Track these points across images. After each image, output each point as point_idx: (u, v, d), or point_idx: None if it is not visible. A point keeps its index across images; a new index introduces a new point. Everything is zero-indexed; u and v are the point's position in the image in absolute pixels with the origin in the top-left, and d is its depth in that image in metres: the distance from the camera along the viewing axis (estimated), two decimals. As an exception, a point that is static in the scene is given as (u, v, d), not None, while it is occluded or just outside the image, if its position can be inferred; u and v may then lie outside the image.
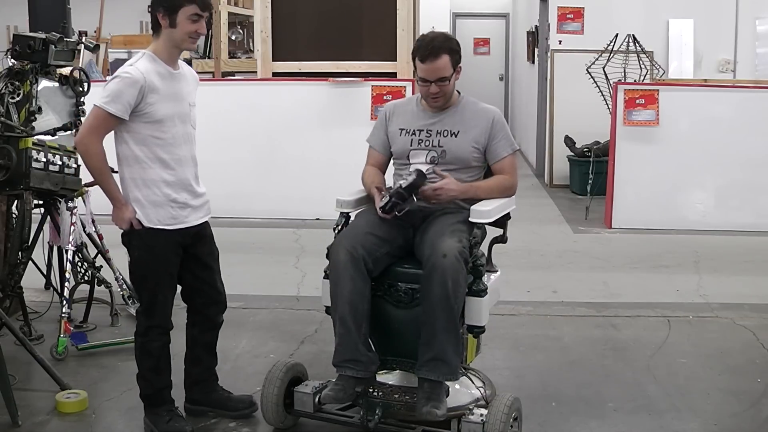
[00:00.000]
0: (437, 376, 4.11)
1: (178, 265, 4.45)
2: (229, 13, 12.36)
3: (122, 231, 4.37)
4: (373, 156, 4.75)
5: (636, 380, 5.25)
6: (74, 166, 5.66)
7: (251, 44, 12.92)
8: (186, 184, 4.37)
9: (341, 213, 4.59)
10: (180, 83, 4.38)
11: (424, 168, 4.44)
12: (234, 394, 4.78)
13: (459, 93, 4.65)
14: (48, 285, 6.42)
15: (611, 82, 10.14)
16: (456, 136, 4.51)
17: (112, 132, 4.26)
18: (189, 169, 4.41)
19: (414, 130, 4.58)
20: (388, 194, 4.35)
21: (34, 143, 5.40)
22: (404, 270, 4.32)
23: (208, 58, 12.28)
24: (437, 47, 4.41)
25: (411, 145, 4.55)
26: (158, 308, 4.39)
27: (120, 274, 6.32)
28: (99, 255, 6.25)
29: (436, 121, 4.56)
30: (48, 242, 6.06)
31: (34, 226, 5.80)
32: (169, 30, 4.24)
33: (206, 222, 4.57)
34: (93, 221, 6.22)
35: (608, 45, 10.63)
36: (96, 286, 6.11)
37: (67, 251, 5.81)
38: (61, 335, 5.49)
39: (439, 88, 4.45)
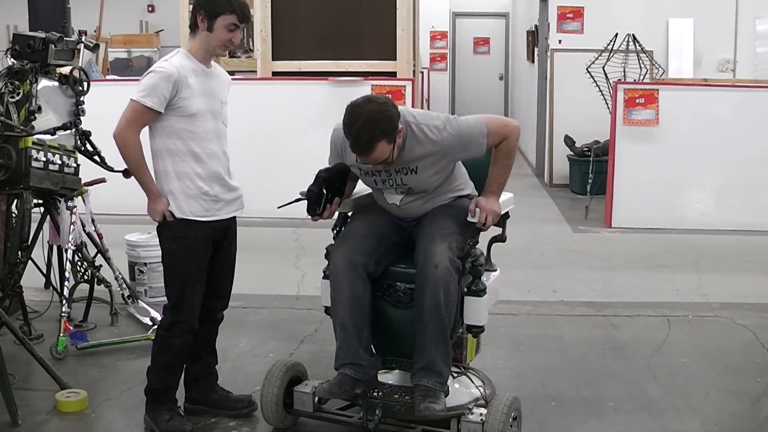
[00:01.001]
0: (428, 383, 4.12)
1: (208, 260, 4.49)
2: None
3: (157, 224, 4.44)
4: None
5: (636, 380, 5.25)
6: (74, 165, 5.66)
7: (251, 44, 12.91)
8: (218, 177, 4.45)
9: (340, 213, 4.58)
10: (212, 81, 4.48)
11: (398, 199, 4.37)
12: (233, 394, 4.78)
13: (401, 128, 4.17)
14: (48, 284, 6.42)
15: (611, 82, 10.14)
16: (415, 173, 4.28)
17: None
18: (222, 163, 4.50)
19: (372, 171, 4.32)
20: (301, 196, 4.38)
21: (33, 143, 5.39)
22: (403, 270, 4.31)
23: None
24: (368, 141, 4.03)
25: (377, 185, 4.37)
26: (186, 303, 4.41)
27: (120, 273, 6.32)
28: (99, 254, 6.24)
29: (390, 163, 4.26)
30: (48, 241, 6.06)
31: (33, 226, 5.80)
32: (206, 33, 4.34)
33: (234, 219, 4.67)
34: (93, 220, 6.21)
35: (608, 44, 10.63)
36: (96, 285, 6.11)
37: (66, 250, 5.81)
38: (61, 334, 5.49)
39: (385, 164, 4.19)
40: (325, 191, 4.32)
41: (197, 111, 4.34)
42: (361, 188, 4.65)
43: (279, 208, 4.60)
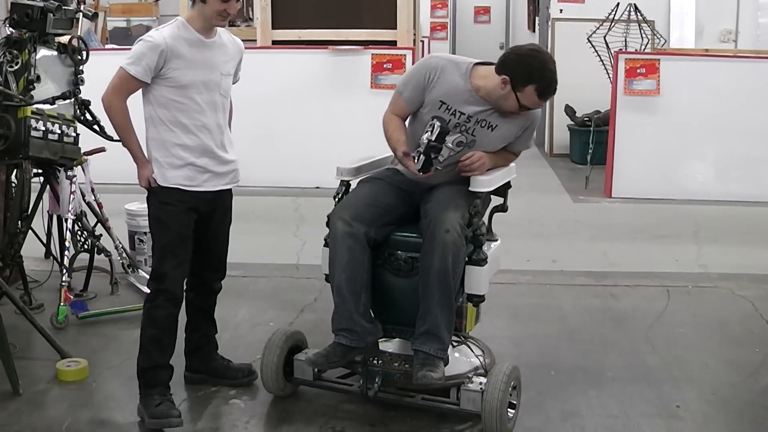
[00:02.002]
0: (428, 350, 4.13)
1: (191, 230, 4.43)
2: (229, -19, 12.28)
3: (146, 189, 4.45)
4: (399, 105, 4.51)
5: (635, 349, 5.27)
6: (73, 134, 5.65)
7: (251, 12, 12.86)
8: (207, 150, 4.41)
9: (341, 181, 4.57)
10: (213, 52, 4.42)
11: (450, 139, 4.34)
12: (233, 363, 4.80)
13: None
14: (48, 254, 6.42)
15: (612, 52, 10.10)
16: (492, 130, 4.40)
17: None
18: (214, 135, 4.45)
19: (457, 111, 4.38)
20: (418, 154, 4.25)
21: (32, 112, 5.38)
22: (404, 238, 4.32)
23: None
24: (556, 89, 4.45)
25: (446, 123, 4.32)
26: (167, 271, 4.35)
27: (120, 242, 6.32)
28: (99, 224, 6.24)
29: (481, 111, 4.38)
30: (47, 211, 6.06)
31: (33, 195, 5.79)
32: (201, 4, 4.30)
33: (227, 191, 4.64)
34: (92, 190, 6.21)
35: (609, 14, 10.60)
36: (96, 254, 6.11)
37: (66, 220, 5.81)
38: (62, 304, 5.50)
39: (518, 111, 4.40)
40: (444, 145, 4.25)
41: (189, 83, 4.31)
42: (374, 153, 4.74)
43: (415, 154, 4.28)
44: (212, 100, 4.43)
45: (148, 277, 6.05)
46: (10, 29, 5.64)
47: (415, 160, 4.26)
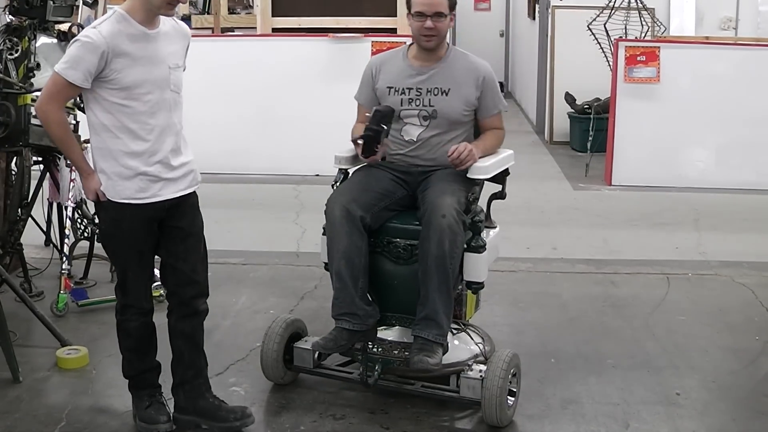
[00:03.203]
0: (427, 335, 4.14)
1: (152, 242, 4.04)
2: (229, -31, 12.28)
3: (93, 202, 4.06)
4: (361, 112, 4.68)
5: (635, 337, 5.27)
6: (73, 122, 5.64)
7: (251, 0, 12.85)
8: (160, 156, 3.92)
9: (340, 169, 4.58)
10: (158, 44, 3.90)
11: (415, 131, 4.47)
12: (226, 404, 4.22)
13: (448, 45, 4.60)
14: (48, 242, 6.43)
15: (612, 39, 10.08)
16: (447, 95, 4.44)
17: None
18: (166, 138, 3.94)
19: (403, 89, 4.48)
20: (362, 138, 4.35)
21: (32, 100, 5.37)
22: (403, 226, 4.32)
23: (208, 13, 12.21)
24: None
25: (402, 105, 4.46)
26: (130, 286, 4.05)
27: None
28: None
29: (426, 78, 4.48)
30: (47, 199, 6.07)
31: (33, 183, 5.79)
32: None
33: (190, 194, 4.10)
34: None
35: (610, 1, 10.55)
36: (96, 242, 6.11)
37: (66, 208, 5.82)
38: (62, 291, 5.51)
39: (434, 24, 4.40)
40: (383, 127, 4.30)
41: (133, 82, 3.80)
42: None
43: (355, 141, 4.43)
44: (162, 99, 3.92)
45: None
46: (10, 16, 5.63)
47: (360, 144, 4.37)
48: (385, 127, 4.32)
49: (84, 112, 4.16)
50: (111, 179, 3.90)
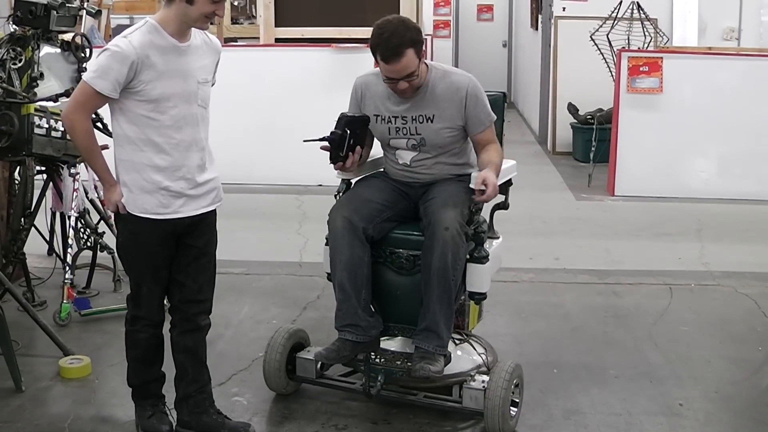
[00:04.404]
0: (427, 346, 4.14)
1: (169, 256, 4.01)
2: (232, -21, 12.32)
3: (114, 213, 4.05)
4: None
5: (637, 347, 5.27)
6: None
7: (254, 10, 12.88)
8: (184, 172, 3.90)
9: (343, 179, 4.59)
10: (188, 58, 3.88)
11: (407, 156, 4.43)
12: (230, 420, 4.21)
13: (427, 66, 4.38)
14: (51, 251, 6.43)
15: (615, 50, 10.10)
16: (432, 122, 4.33)
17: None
18: (191, 154, 3.92)
19: (389, 117, 4.40)
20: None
21: (36, 109, 5.38)
22: (406, 236, 4.32)
23: (211, 24, 12.24)
24: (398, 45, 4.13)
25: (390, 134, 4.41)
26: (143, 299, 4.03)
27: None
28: (101, 221, 6.25)
29: (410, 106, 4.36)
30: (50, 208, 6.08)
31: (36, 193, 5.81)
32: (185, 6, 3.76)
33: (210, 212, 4.07)
34: (95, 187, 6.20)
35: (612, 12, 10.59)
36: (98, 252, 6.12)
37: (69, 217, 5.82)
38: (64, 301, 5.51)
39: (407, 83, 4.24)
40: (348, 131, 4.23)
41: (161, 96, 3.78)
42: (374, 152, 4.67)
43: (305, 141, 4.41)
44: (190, 113, 3.90)
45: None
46: (14, 26, 5.64)
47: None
48: (348, 132, 4.23)
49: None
50: (132, 192, 3.87)
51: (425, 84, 4.34)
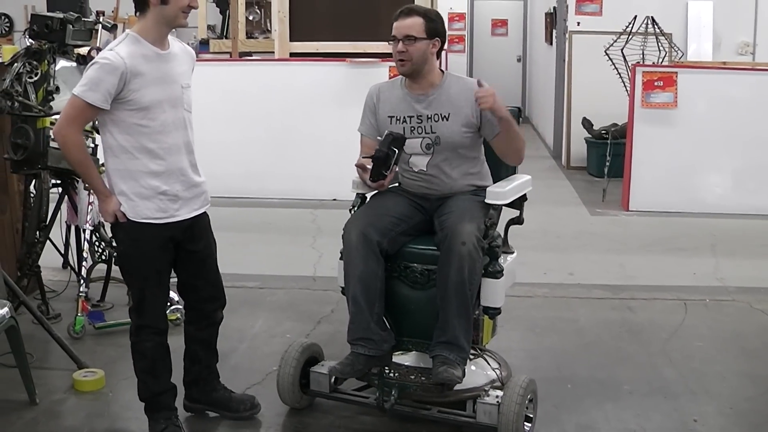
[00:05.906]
0: (448, 354, 4.13)
1: (169, 261, 4.16)
2: (247, -7, 12.36)
3: (111, 224, 4.14)
4: (366, 144, 4.54)
5: (651, 363, 5.25)
6: (91, 145, 5.67)
7: (269, 24, 12.92)
8: (179, 173, 4.05)
9: (357, 194, 4.59)
10: (170, 64, 4.02)
11: (423, 161, 4.45)
12: (236, 394, 4.53)
13: (443, 72, 4.53)
14: (65, 264, 6.45)
15: (629, 64, 10.09)
16: (447, 120, 4.39)
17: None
18: (182, 157, 4.07)
19: (404, 117, 4.44)
20: (372, 164, 4.30)
21: (51, 123, 5.41)
22: (420, 251, 4.32)
23: (226, 38, 12.30)
24: (412, 9, 4.43)
25: (404, 134, 4.40)
26: (147, 307, 4.11)
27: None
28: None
29: (425, 105, 4.43)
30: (65, 221, 6.10)
31: (51, 206, 5.83)
32: (160, 7, 3.89)
33: (201, 214, 4.24)
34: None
35: (627, 27, 10.58)
36: (113, 265, 6.13)
37: (84, 230, 5.83)
38: (79, 314, 5.52)
39: (405, 47, 4.34)
40: (395, 150, 4.26)
41: (150, 102, 3.90)
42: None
43: (372, 180, 4.31)
44: (177, 118, 4.03)
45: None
46: (30, 40, 5.68)
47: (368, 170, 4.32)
48: (395, 151, 4.28)
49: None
50: (131, 199, 3.98)
51: (440, 85, 4.44)
